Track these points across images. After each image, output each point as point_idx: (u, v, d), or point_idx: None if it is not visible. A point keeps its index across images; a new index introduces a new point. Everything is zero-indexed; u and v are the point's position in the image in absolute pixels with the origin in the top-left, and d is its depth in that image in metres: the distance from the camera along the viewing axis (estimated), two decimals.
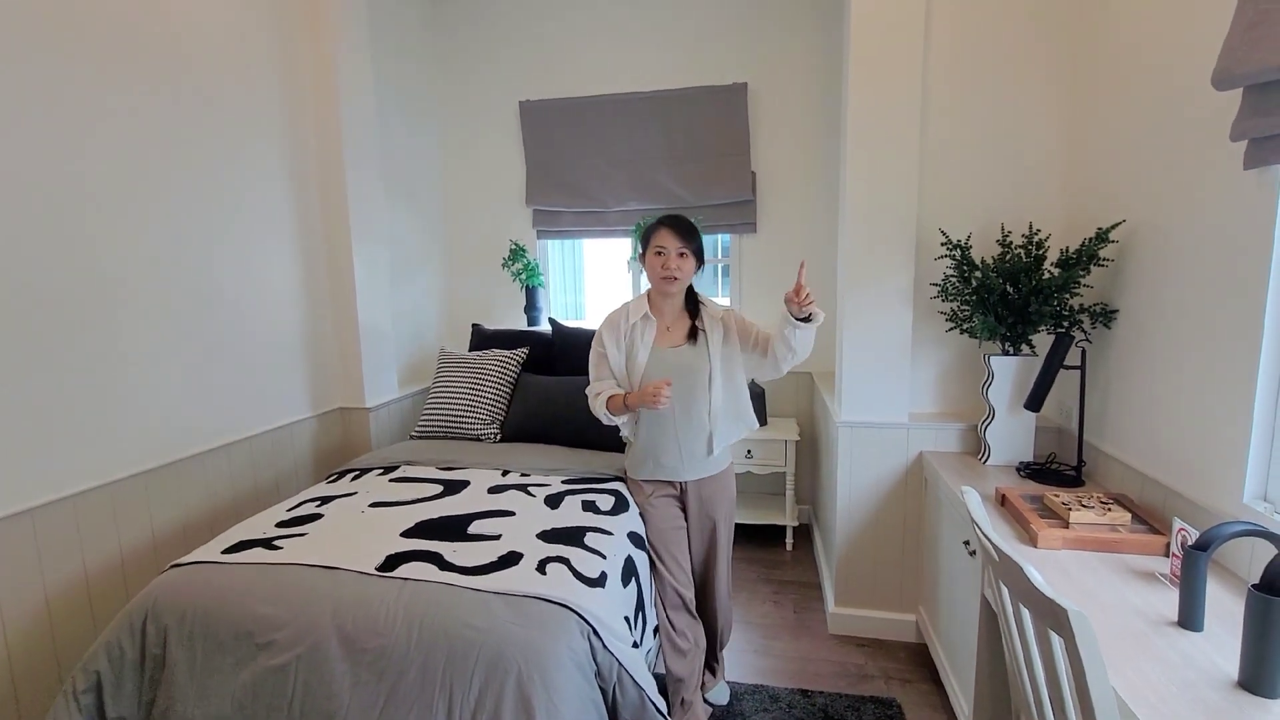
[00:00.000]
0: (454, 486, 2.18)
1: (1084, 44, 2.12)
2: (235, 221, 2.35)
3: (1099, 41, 2.03)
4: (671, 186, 3.43)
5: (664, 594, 1.95)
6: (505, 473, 2.34)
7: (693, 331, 1.96)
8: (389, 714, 1.38)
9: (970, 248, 2.17)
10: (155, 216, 2.04)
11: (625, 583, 1.77)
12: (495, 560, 1.67)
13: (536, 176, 3.62)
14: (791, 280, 1.78)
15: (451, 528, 1.86)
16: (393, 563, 1.64)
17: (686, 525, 2.03)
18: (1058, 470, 2.01)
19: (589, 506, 2.03)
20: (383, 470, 2.37)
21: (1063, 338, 1.93)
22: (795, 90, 3.30)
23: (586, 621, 1.50)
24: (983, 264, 2.12)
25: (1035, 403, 1.97)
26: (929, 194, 2.33)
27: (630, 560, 1.85)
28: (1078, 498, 1.67)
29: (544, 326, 3.46)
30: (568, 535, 1.82)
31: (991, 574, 1.19)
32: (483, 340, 3.26)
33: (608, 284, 4.08)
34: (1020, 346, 2.13)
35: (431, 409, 2.87)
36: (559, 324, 3.16)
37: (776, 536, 3.37)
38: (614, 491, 2.12)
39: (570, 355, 2.96)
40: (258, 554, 1.71)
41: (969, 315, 2.15)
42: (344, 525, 1.89)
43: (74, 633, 1.81)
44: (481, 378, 2.90)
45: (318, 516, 1.94)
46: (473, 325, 3.40)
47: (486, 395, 2.85)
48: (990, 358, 2.12)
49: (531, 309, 3.59)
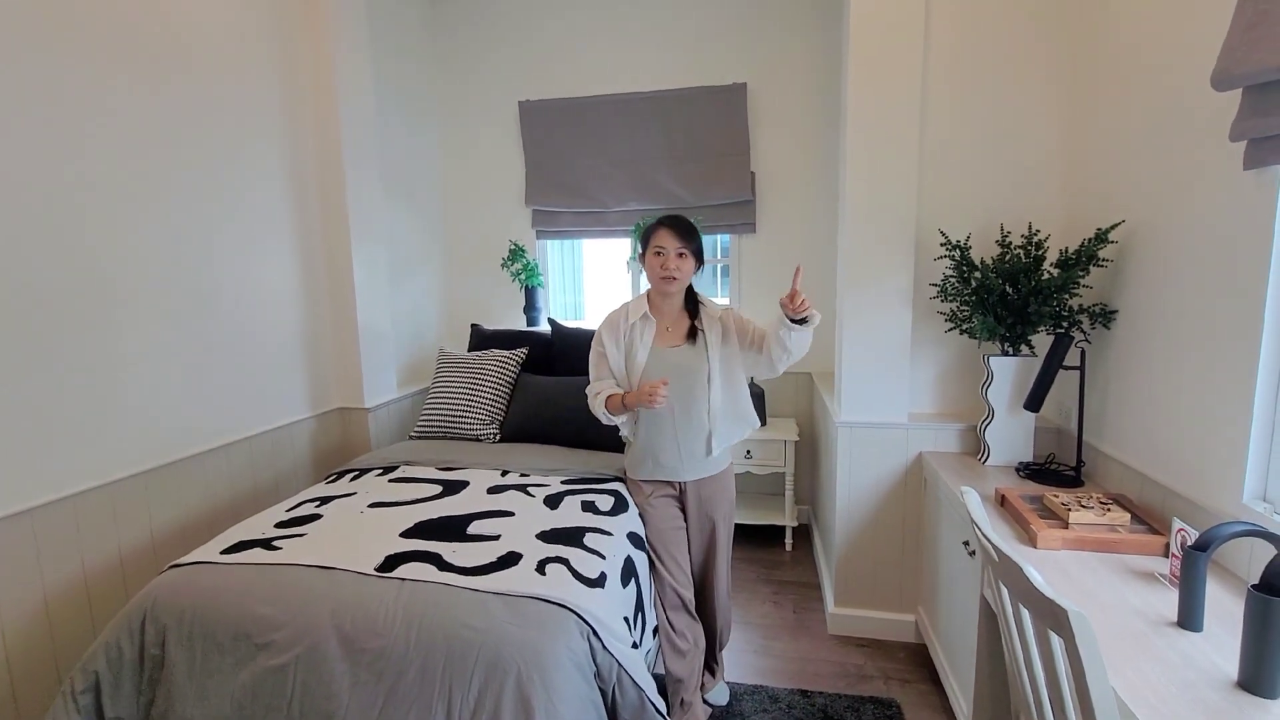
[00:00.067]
0: (453, 487, 2.18)
1: (1084, 44, 2.12)
2: (235, 221, 2.35)
3: (1099, 42, 2.03)
4: (671, 187, 3.43)
5: (663, 594, 1.95)
6: (504, 473, 2.34)
7: (692, 331, 1.96)
8: (388, 714, 1.38)
9: (970, 248, 2.18)
10: (155, 216, 2.04)
11: (625, 583, 1.77)
12: (495, 561, 1.67)
13: (536, 176, 3.62)
14: (790, 280, 1.78)
15: (451, 528, 1.86)
16: (392, 563, 1.64)
17: (686, 525, 2.03)
18: (1057, 470, 2.01)
19: (588, 507, 2.03)
20: (382, 470, 2.37)
21: (1062, 338, 1.93)
22: (795, 90, 3.30)
23: (586, 622, 1.50)
24: (982, 264, 2.12)
25: (1035, 403, 1.97)
26: (928, 194, 2.33)
27: (630, 560, 1.85)
28: (1077, 498, 1.67)
29: (543, 327, 3.46)
30: (567, 535, 1.82)
31: (991, 574, 1.19)
32: (482, 340, 3.25)
33: (607, 284, 4.08)
34: (1019, 347, 2.13)
35: (431, 409, 2.87)
36: (558, 324, 3.16)
37: (776, 537, 3.38)
38: (613, 492, 2.12)
39: (569, 355, 2.96)
40: (257, 554, 1.71)
41: (968, 315, 2.15)
42: (343, 526, 1.89)
43: (73, 633, 1.81)
44: (481, 378, 2.89)
45: (317, 517, 1.94)
46: (472, 325, 3.40)
47: (486, 395, 2.85)
48: (989, 358, 2.12)
49: (531, 309, 3.59)
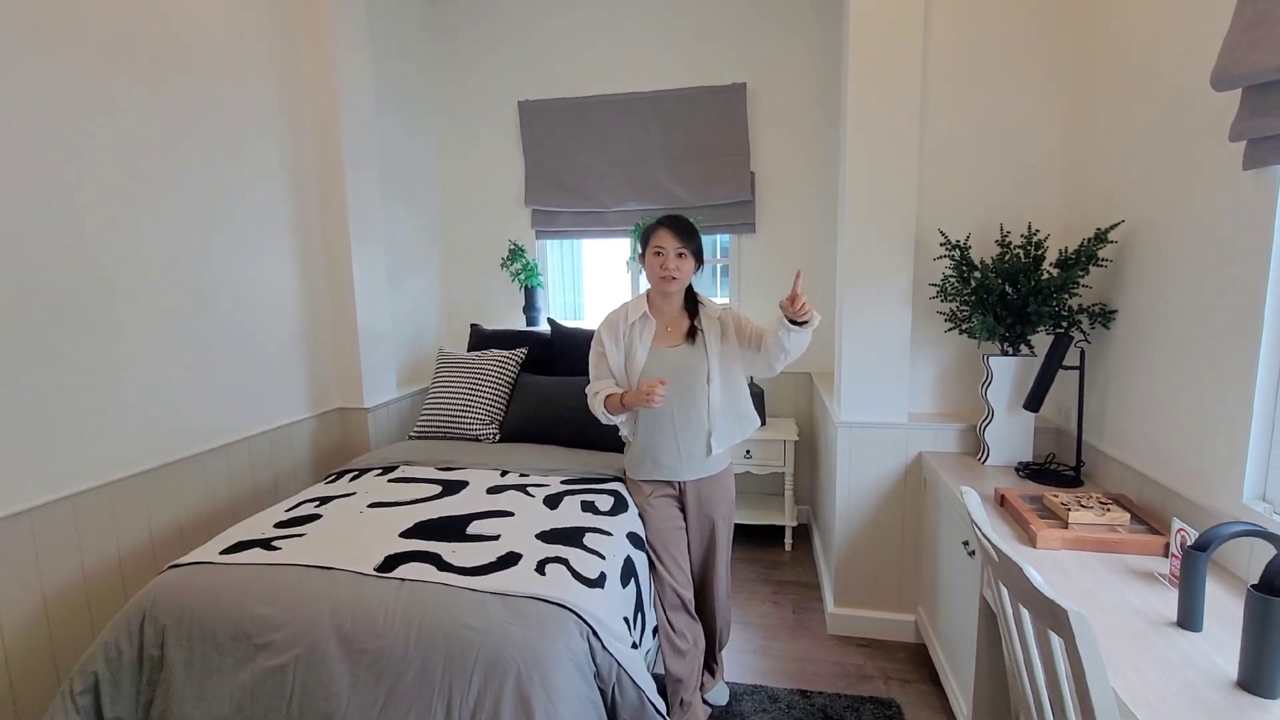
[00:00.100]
0: (453, 487, 2.18)
1: (1083, 44, 2.12)
2: (234, 221, 2.35)
3: (1098, 41, 2.03)
4: (670, 187, 3.43)
5: (663, 594, 1.95)
6: (504, 473, 2.33)
7: (691, 331, 1.96)
8: (388, 714, 1.38)
9: (969, 248, 2.18)
10: (154, 216, 2.04)
11: (624, 583, 1.77)
12: (494, 561, 1.67)
13: (535, 176, 3.62)
14: (790, 281, 1.78)
15: (450, 528, 1.86)
16: (391, 563, 1.64)
17: (685, 525, 2.03)
18: (1057, 470, 2.01)
19: (588, 507, 2.02)
20: (381, 470, 2.37)
21: (1062, 338, 1.93)
22: (795, 90, 3.30)
23: (585, 622, 1.50)
24: (982, 264, 2.12)
25: (1034, 403, 1.97)
26: (928, 194, 2.33)
27: (629, 561, 1.85)
28: (1077, 498, 1.67)
29: (543, 327, 3.46)
30: (567, 536, 1.82)
31: (991, 574, 1.19)
32: (481, 340, 3.25)
33: (607, 284, 4.08)
34: (1019, 347, 2.13)
35: (430, 409, 2.87)
36: (558, 324, 3.15)
37: (775, 537, 3.38)
38: (613, 492, 2.12)
39: (569, 355, 2.96)
40: (256, 554, 1.71)
41: (968, 315, 2.15)
42: (342, 526, 1.89)
43: (72, 634, 1.81)
44: (480, 378, 2.89)
45: (316, 517, 1.94)
46: (471, 325, 3.39)
47: (485, 395, 2.85)
48: (989, 358, 2.12)
49: (530, 309, 3.59)
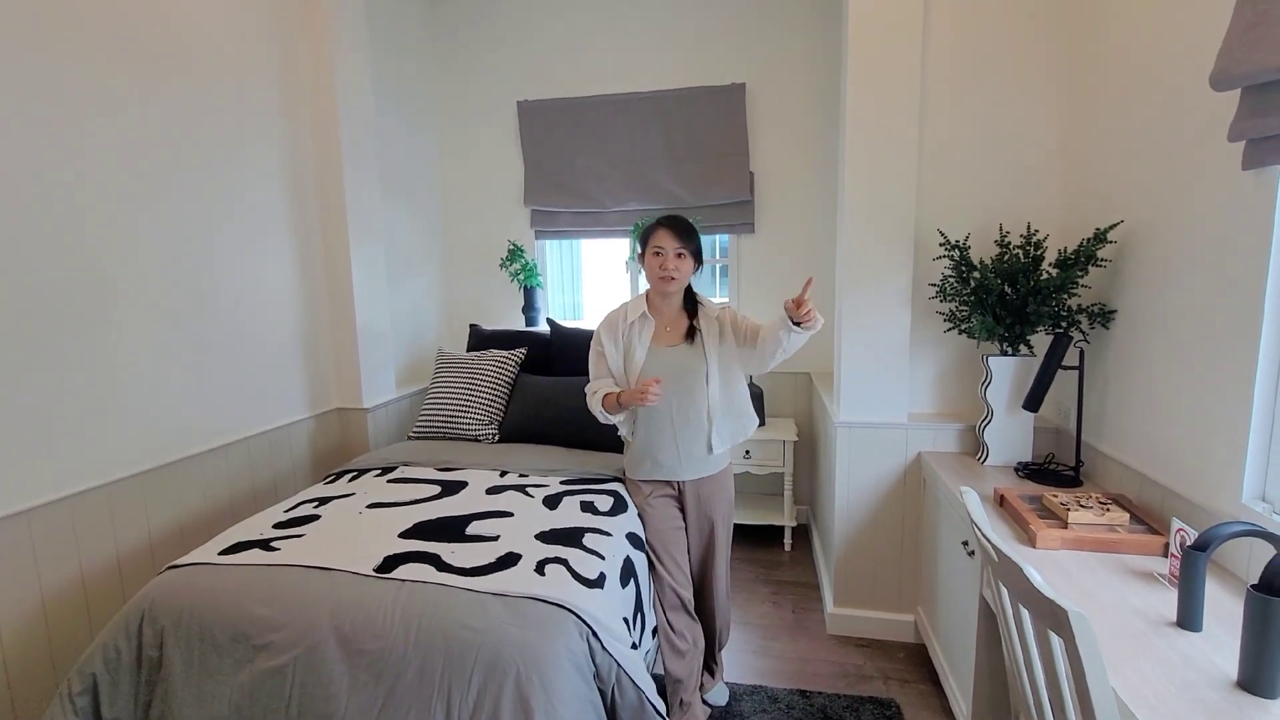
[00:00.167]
0: (452, 487, 2.18)
1: (1083, 44, 2.12)
2: (233, 221, 2.34)
3: (1098, 42, 2.03)
4: (670, 187, 3.43)
5: (662, 595, 1.95)
6: (503, 473, 2.33)
7: (690, 331, 1.96)
8: (387, 715, 1.37)
9: (969, 248, 2.18)
10: (154, 216, 2.03)
11: (624, 584, 1.77)
12: (494, 561, 1.67)
13: (535, 176, 3.62)
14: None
15: (450, 529, 1.85)
16: (391, 564, 1.64)
17: (685, 526, 2.03)
18: (1056, 470, 2.01)
19: (587, 507, 2.02)
20: (380, 471, 2.36)
21: (1061, 338, 1.93)
22: (794, 90, 3.30)
23: (585, 623, 1.50)
24: (981, 264, 2.12)
25: (1033, 403, 1.97)
26: (928, 194, 2.33)
27: (629, 561, 1.85)
28: (1076, 498, 1.67)
29: (542, 327, 3.46)
30: (566, 536, 1.82)
31: (990, 574, 1.19)
32: (481, 340, 3.25)
33: (606, 284, 4.08)
34: (1018, 347, 2.13)
35: (429, 409, 2.87)
36: (557, 324, 3.15)
37: (775, 537, 3.37)
38: (612, 492, 2.12)
39: (568, 356, 2.95)
40: (255, 555, 1.70)
41: (967, 315, 2.15)
42: (342, 526, 1.88)
43: (70, 635, 1.80)
44: (479, 378, 2.89)
45: (315, 518, 1.94)
46: (470, 325, 3.39)
47: (484, 396, 2.85)
48: (988, 358, 2.12)
49: (529, 309, 3.59)
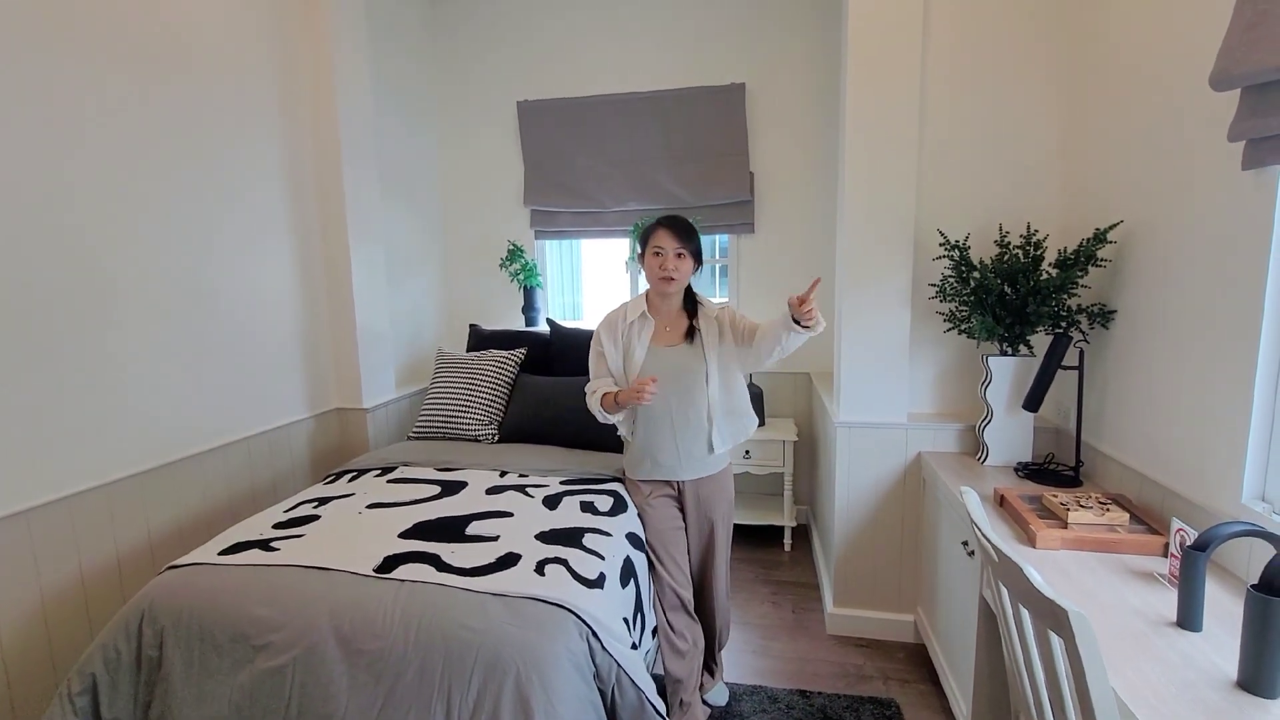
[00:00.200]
0: (452, 487, 2.18)
1: (1082, 44, 2.12)
2: (232, 221, 2.34)
3: (1097, 43, 2.03)
4: (670, 187, 3.43)
5: (662, 595, 1.95)
6: (503, 473, 2.33)
7: (690, 331, 1.96)
8: (387, 715, 1.37)
9: (968, 248, 2.18)
10: (152, 216, 2.03)
11: (624, 584, 1.77)
12: (494, 561, 1.66)
13: (534, 176, 3.62)
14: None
15: (449, 529, 1.85)
16: (390, 564, 1.64)
17: (685, 526, 2.03)
18: (1056, 470, 2.01)
19: (587, 507, 2.02)
20: (380, 471, 2.36)
21: (1061, 338, 1.93)
22: (794, 90, 3.30)
23: (585, 623, 1.50)
24: (981, 264, 2.12)
25: (1033, 403, 1.97)
26: (927, 194, 2.33)
27: (629, 561, 1.85)
28: (1076, 498, 1.67)
29: (542, 327, 3.46)
30: (566, 536, 1.82)
31: (990, 574, 1.19)
32: (480, 341, 3.25)
33: (606, 284, 4.07)
34: (1018, 347, 2.13)
35: (429, 409, 2.86)
36: (557, 324, 3.15)
37: (775, 537, 3.37)
38: (612, 492, 2.12)
39: (568, 356, 2.95)
40: (254, 555, 1.70)
41: (967, 315, 2.15)
42: (341, 526, 1.88)
43: (70, 635, 1.80)
44: (479, 378, 2.89)
45: (315, 518, 1.94)
46: (470, 326, 3.39)
47: (484, 396, 2.85)
48: (988, 358, 2.12)
49: (529, 309, 3.59)
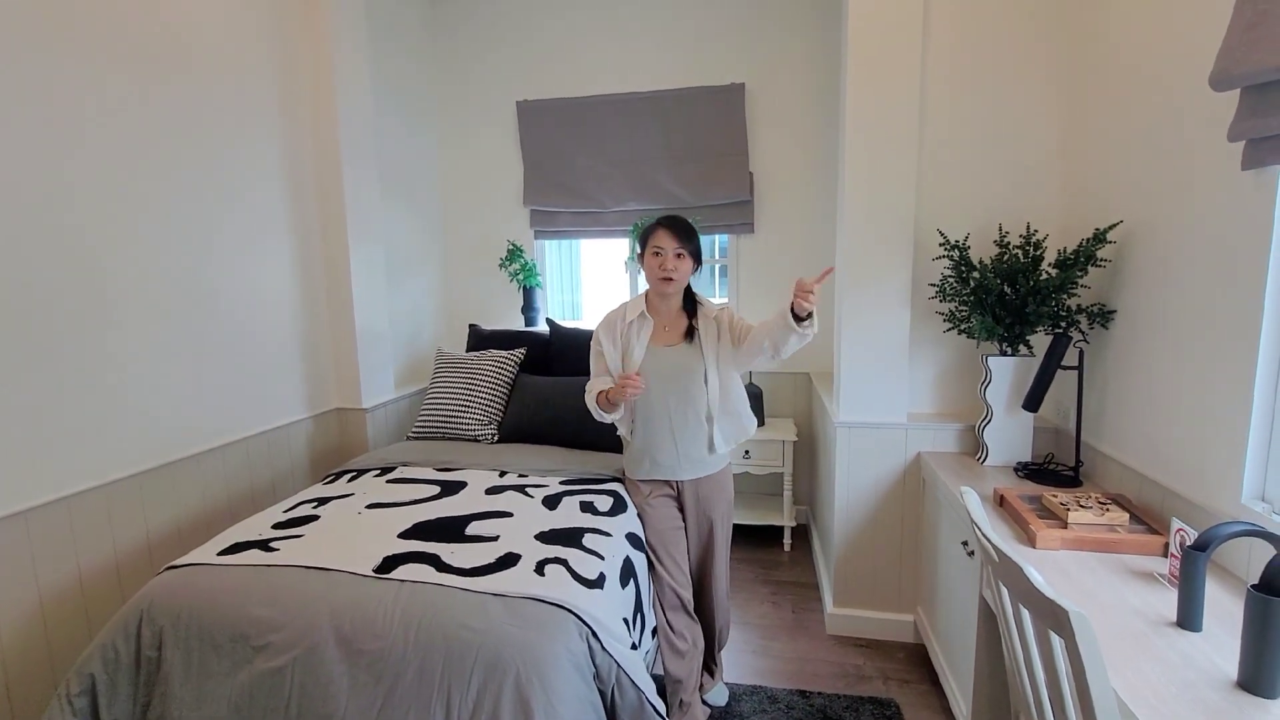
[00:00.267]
0: (451, 487, 2.18)
1: (1082, 44, 2.12)
2: (232, 221, 2.34)
3: (1097, 43, 2.03)
4: (669, 187, 3.43)
5: (662, 595, 1.95)
6: (503, 473, 2.33)
7: (689, 331, 1.96)
8: (387, 716, 1.37)
9: (968, 248, 2.18)
10: (152, 216, 2.03)
11: (624, 584, 1.77)
12: (493, 561, 1.66)
13: (534, 176, 3.62)
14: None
15: (449, 529, 1.85)
16: (390, 564, 1.64)
17: (684, 525, 2.03)
18: (1056, 470, 2.01)
19: (587, 507, 2.02)
20: (380, 471, 2.36)
21: (1060, 338, 1.93)
22: (794, 91, 3.30)
23: (585, 623, 1.50)
24: (981, 264, 2.12)
25: (1033, 403, 1.97)
26: (927, 194, 2.33)
27: (628, 561, 1.85)
28: (1076, 498, 1.67)
29: (541, 327, 3.46)
30: (566, 536, 1.82)
31: (990, 574, 1.19)
32: (480, 341, 3.25)
33: (605, 284, 4.07)
34: (1018, 347, 2.13)
35: (429, 409, 2.86)
36: (556, 324, 3.15)
37: (774, 537, 3.37)
38: (612, 492, 2.12)
39: (568, 356, 2.95)
40: (254, 556, 1.70)
41: (967, 315, 2.15)
42: (341, 527, 1.88)
43: (68, 635, 1.80)
44: (478, 378, 2.89)
45: (314, 518, 1.94)
46: (470, 326, 3.39)
47: (483, 396, 2.84)
48: (988, 358, 2.12)
49: (529, 309, 3.59)
